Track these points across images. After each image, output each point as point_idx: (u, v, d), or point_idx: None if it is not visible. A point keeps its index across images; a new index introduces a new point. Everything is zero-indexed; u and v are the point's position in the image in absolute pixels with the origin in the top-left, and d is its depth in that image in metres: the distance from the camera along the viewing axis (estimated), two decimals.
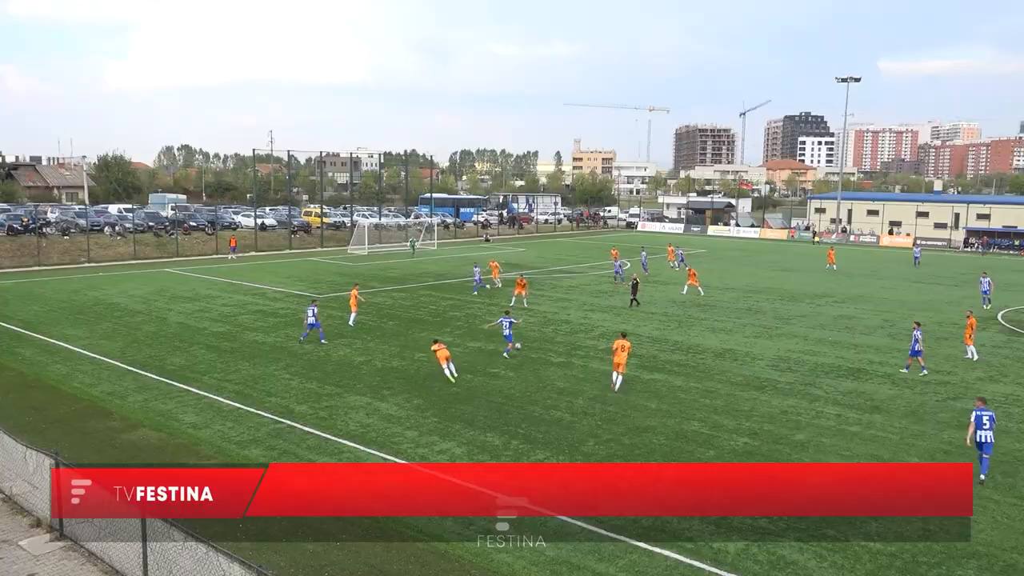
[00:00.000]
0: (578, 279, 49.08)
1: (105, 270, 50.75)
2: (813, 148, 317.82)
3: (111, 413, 20.84)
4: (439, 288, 43.90)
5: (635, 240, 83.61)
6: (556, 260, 60.21)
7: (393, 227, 78.17)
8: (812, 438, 19.72)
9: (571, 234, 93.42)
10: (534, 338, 30.66)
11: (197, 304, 37.64)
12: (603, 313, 36.58)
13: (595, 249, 71.65)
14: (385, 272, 50.87)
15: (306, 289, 43.15)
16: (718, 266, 58.27)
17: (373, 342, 29.69)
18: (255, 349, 28.35)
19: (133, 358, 26.72)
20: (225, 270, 51.56)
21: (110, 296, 39.96)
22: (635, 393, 23.28)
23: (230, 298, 39.76)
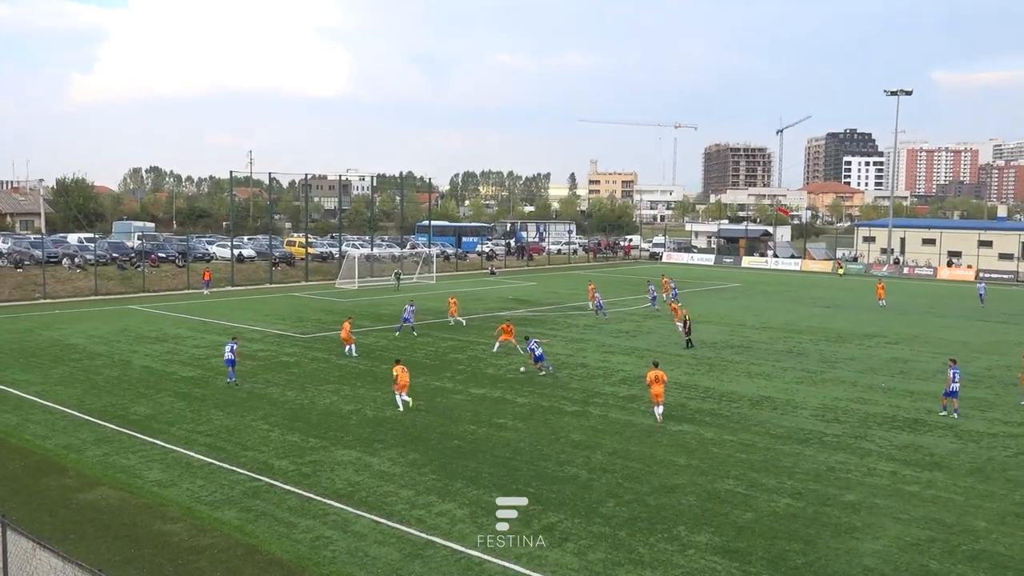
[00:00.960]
0: (596, 317, 49.04)
1: (62, 307, 50.97)
2: (860, 169, 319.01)
3: (66, 469, 20.78)
4: (438, 327, 43.90)
5: (657, 272, 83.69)
6: (570, 296, 60.24)
7: (387, 258, 78.36)
8: (864, 499, 19.50)
9: (587, 266, 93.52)
10: (545, 384, 30.57)
11: (165, 346, 37.70)
12: (624, 356, 36.47)
13: (615, 283, 71.69)
14: (377, 309, 50.96)
15: (289, 328, 43.23)
16: (754, 302, 58.18)
17: (364, 388, 29.63)
18: (230, 396, 28.32)
19: (92, 406, 26.71)
20: (198, 307, 51.72)
21: (67, 336, 40.07)
22: (661, 447, 23.11)
23: (202, 339, 39.83)
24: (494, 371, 32.83)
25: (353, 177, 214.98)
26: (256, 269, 70.75)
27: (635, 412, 26.76)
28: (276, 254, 73.20)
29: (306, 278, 69.82)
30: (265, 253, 73.38)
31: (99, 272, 59.83)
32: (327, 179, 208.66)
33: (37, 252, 61.75)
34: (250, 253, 74.70)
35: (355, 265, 66.02)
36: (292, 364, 33.85)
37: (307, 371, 32.50)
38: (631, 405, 27.63)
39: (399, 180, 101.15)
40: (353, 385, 30.12)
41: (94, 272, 59.20)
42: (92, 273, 59.34)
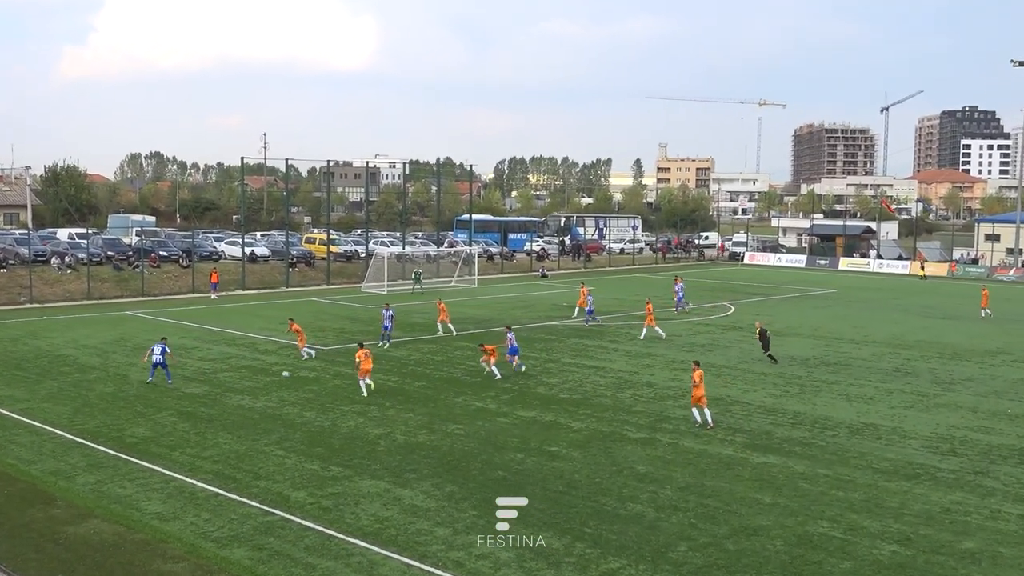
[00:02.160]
0: (665, 327, 48.74)
1: (51, 313, 52.08)
2: (981, 154, 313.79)
3: (54, 498, 21.18)
4: (481, 338, 43.95)
5: (738, 277, 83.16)
6: (635, 303, 60.02)
7: (421, 258, 78.86)
8: (986, 547, 19.12)
9: (654, 268, 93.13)
10: (605, 406, 30.49)
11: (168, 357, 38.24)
12: None
13: (689, 288, 71.12)
14: (409, 317, 51.28)
15: (309, 338, 43.58)
16: (853, 312, 57.54)
17: (393, 409, 29.81)
18: (240, 416, 28.68)
19: (84, 427, 27.22)
20: (204, 313, 52.51)
21: (57, 346, 40.91)
22: (742, 482, 22.90)
23: (209, 350, 40.39)
24: (545, 390, 32.84)
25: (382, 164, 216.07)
26: (271, 270, 71.67)
27: (711, 440, 26.56)
28: (294, 253, 74.13)
29: (328, 281, 70.55)
30: (281, 252, 74.33)
31: (92, 273, 61.04)
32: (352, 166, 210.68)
33: (23, 250, 63.17)
34: (264, 252, 75.72)
35: (384, 266, 66.51)
36: (311, 380, 34.19)
37: (328, 388, 32.80)
38: (707, 432, 27.43)
39: (435, 167, 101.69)
40: (381, 405, 30.31)
41: (87, 273, 60.42)
42: (84, 274, 60.55)
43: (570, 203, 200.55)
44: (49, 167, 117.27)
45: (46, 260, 63.76)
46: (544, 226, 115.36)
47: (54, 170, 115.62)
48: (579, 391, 32.88)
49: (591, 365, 37.49)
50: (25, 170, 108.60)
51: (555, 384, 33.97)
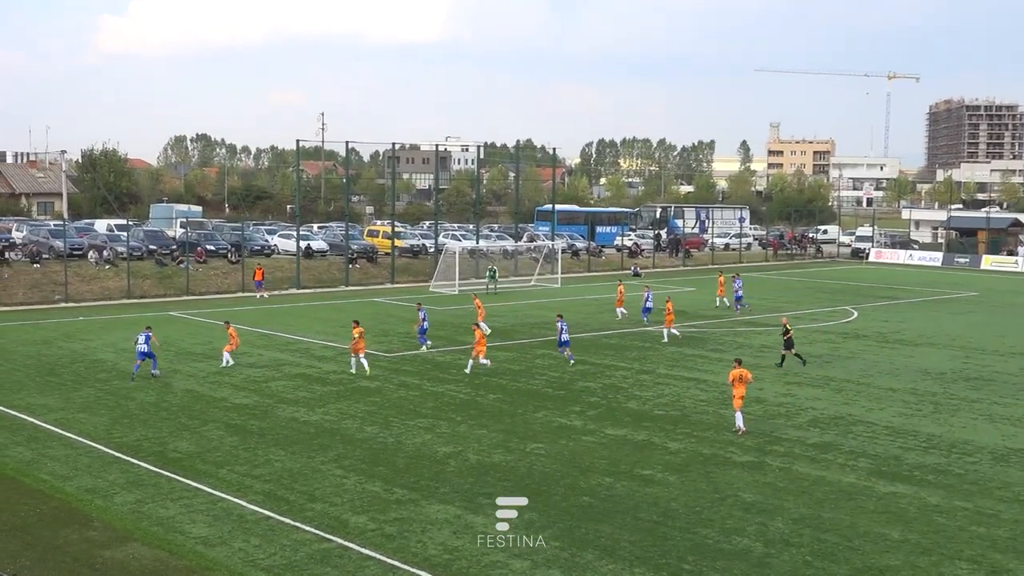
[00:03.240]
0: (777, 335, 48.24)
1: (88, 312, 53.36)
2: None
3: (90, 519, 21.70)
4: None
5: (862, 277, 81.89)
6: None
7: (497, 254, 79.10)
8: None
9: (765, 266, 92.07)
10: (706, 425, 30.27)
11: (214, 364, 39.04)
12: (815, 388, 35.88)
13: (805, 290, 70.39)
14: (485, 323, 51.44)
15: (370, 344, 43.99)
16: (998, 319, 56.28)
17: (465, 425, 29.95)
18: (294, 431, 29.09)
19: (123, 440, 27.85)
20: (254, 315, 53.34)
21: (94, 350, 41.94)
22: (865, 514, 22.55)
23: (260, 355, 41.05)
24: (637, 406, 32.72)
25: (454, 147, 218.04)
26: (328, 267, 72.49)
27: (830, 466, 26.22)
28: (354, 247, 74.87)
29: (392, 279, 71.16)
30: (340, 246, 75.19)
31: (133, 269, 62.35)
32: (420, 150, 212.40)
33: (58, 243, 64.57)
34: (321, 246, 76.59)
35: (455, 263, 66.82)
36: (373, 391, 34.54)
37: (392, 400, 33.11)
38: (824, 456, 27.08)
39: (514, 151, 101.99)
40: (452, 420, 30.48)
41: (127, 269, 61.73)
42: (124, 270, 61.87)
43: (667, 191, 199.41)
44: (86, 151, 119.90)
45: (83, 254, 65.15)
46: (637, 218, 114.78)
47: (91, 155, 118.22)
48: (676, 407, 32.69)
49: (691, 377, 37.21)
50: (60, 155, 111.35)
51: (649, 399, 33.82)
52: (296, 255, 69.94)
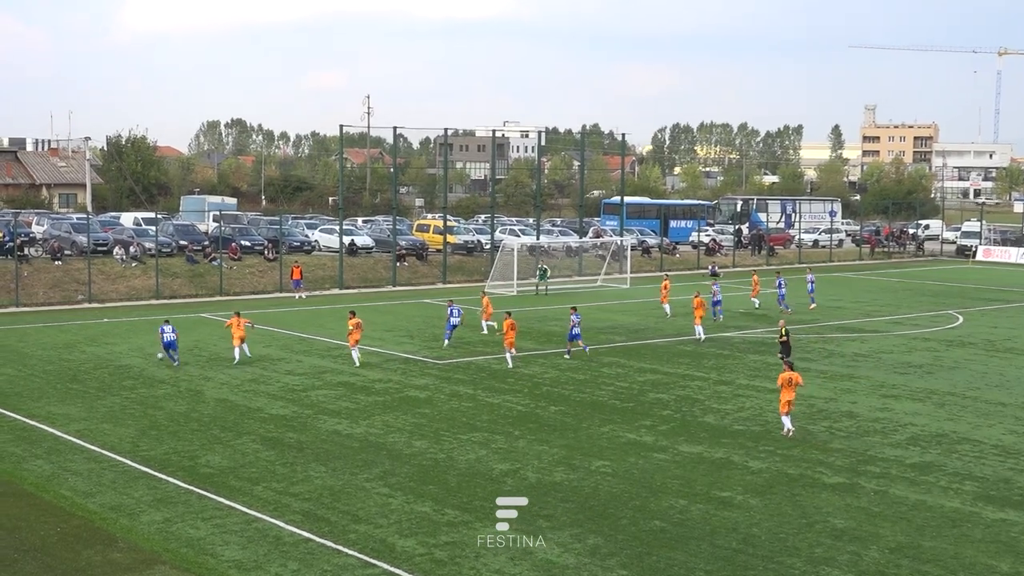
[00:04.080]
0: (872, 342, 47.83)
1: (113, 314, 54.08)
2: None
3: (115, 539, 21.95)
4: (634, 352, 43.89)
5: (968, 278, 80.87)
6: (834, 310, 58.96)
7: (559, 250, 79.05)
8: None
9: (859, 266, 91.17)
10: (792, 442, 30.01)
11: (249, 371, 39.42)
12: (915, 402, 35.51)
13: (904, 292, 69.62)
14: (544, 325, 51.45)
15: (419, 350, 44.32)
16: None
17: (524, 440, 29.94)
18: (336, 445, 29.26)
19: (150, 453, 28.19)
20: (293, 317, 53.76)
21: (119, 355, 42.52)
22: (971, 544, 22.27)
23: (299, 362, 41.37)
24: (715, 420, 32.56)
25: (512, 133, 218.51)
26: (374, 264, 72.89)
27: (931, 489, 25.93)
28: (402, 243, 75.11)
29: (444, 279, 71.39)
30: (387, 242, 75.44)
31: (162, 267, 63.05)
32: (475, 136, 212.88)
33: (81, 238, 65.57)
34: (366, 242, 77.01)
35: (514, 261, 66.89)
36: (423, 401, 34.69)
37: (443, 412, 33.22)
38: (925, 478, 26.77)
39: (579, 137, 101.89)
40: (509, 434, 30.49)
41: (155, 266, 62.45)
42: (152, 268, 62.60)
43: (749, 182, 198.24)
44: (112, 138, 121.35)
45: (108, 250, 66.01)
46: (715, 211, 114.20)
47: (117, 142, 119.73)
48: (759, 422, 32.49)
49: (775, 389, 36.79)
50: (84, 142, 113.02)
51: (728, 412, 33.64)
52: (339, 252, 70.30)
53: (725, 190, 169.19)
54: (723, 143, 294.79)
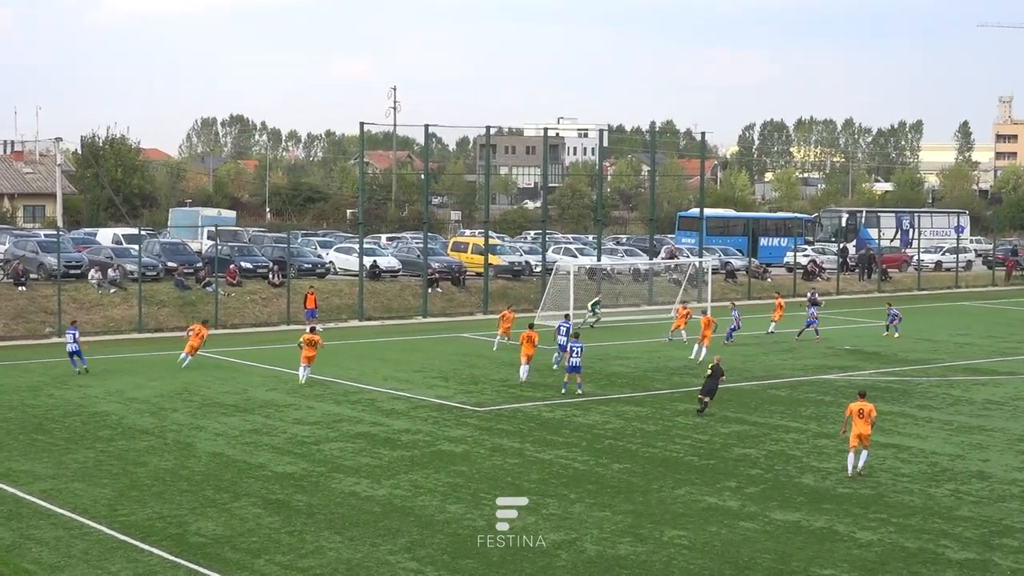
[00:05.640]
0: (1008, 386, 47.41)
1: (88, 351, 54.17)
2: None
3: None
4: (715, 398, 43.61)
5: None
6: (960, 346, 58.55)
7: (626, 274, 78.78)
8: None
9: (992, 292, 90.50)
10: (910, 508, 29.72)
11: (249, 418, 39.54)
12: None
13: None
14: (606, 364, 51.28)
15: (455, 394, 44.26)
16: None
17: (581, 504, 29.79)
18: (354, 509, 29.19)
19: (131, 519, 28.18)
20: None
21: (94, 400, 42.67)
22: None
23: (311, 409, 41.42)
24: (815, 480, 32.29)
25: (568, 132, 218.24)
26: (400, 291, 72.90)
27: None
28: (435, 265, 75.19)
29: (484, 307, 71.25)
30: (417, 264, 75.64)
31: (146, 293, 63.34)
32: (523, 135, 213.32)
33: (50, 259, 65.75)
34: (391, 263, 77.09)
35: (570, 286, 66.59)
36: (459, 456, 34.63)
37: (484, 470, 33.12)
38: None
39: (648, 137, 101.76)
40: (563, 497, 30.33)
41: (138, 293, 62.75)
42: (135, 295, 62.88)
43: (857, 191, 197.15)
44: (87, 139, 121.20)
45: (82, 273, 66.19)
46: (815, 226, 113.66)
47: (93, 144, 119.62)
48: (869, 483, 32.19)
49: (888, 443, 36.60)
50: (54, 144, 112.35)
51: (831, 472, 33.36)
52: (359, 276, 70.44)
53: (827, 200, 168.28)
54: (825, 143, 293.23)
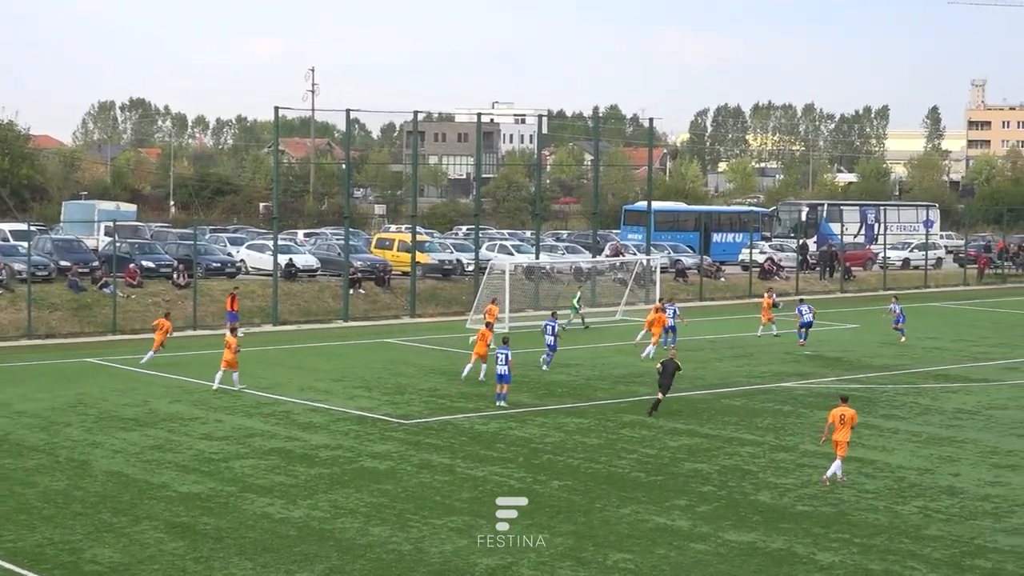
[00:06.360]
0: (981, 394, 47.95)
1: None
2: None
3: None
4: (664, 407, 43.79)
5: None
6: (929, 351, 59.16)
7: (566, 274, 78.85)
8: None
9: (964, 292, 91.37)
10: (875, 527, 29.97)
11: (151, 433, 39.29)
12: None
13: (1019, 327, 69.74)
14: (546, 375, 51.42)
15: (379, 405, 44.17)
16: None
17: (518, 524, 29.78)
18: (267, 533, 29.06)
19: (17, 545, 27.86)
20: (211, 363, 53.55)
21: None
22: None
23: (219, 423, 41.24)
24: (772, 498, 32.47)
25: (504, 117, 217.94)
26: (319, 292, 72.69)
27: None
28: (357, 264, 75.04)
29: (412, 311, 71.27)
30: (337, 262, 75.57)
31: (37, 295, 62.76)
32: (455, 121, 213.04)
33: None
34: (308, 262, 76.96)
35: (506, 286, 66.75)
36: (383, 474, 34.59)
37: (409, 488, 33.07)
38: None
39: (591, 123, 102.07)
40: (496, 518, 30.31)
41: (27, 295, 62.11)
42: (23, 297, 62.27)
43: (817, 182, 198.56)
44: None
45: None
46: (773, 221, 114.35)
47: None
48: (830, 500, 32.41)
49: (852, 457, 36.73)
50: None
51: (789, 488, 33.58)
52: (273, 275, 69.86)
53: (786, 193, 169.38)
54: (784, 130, 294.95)
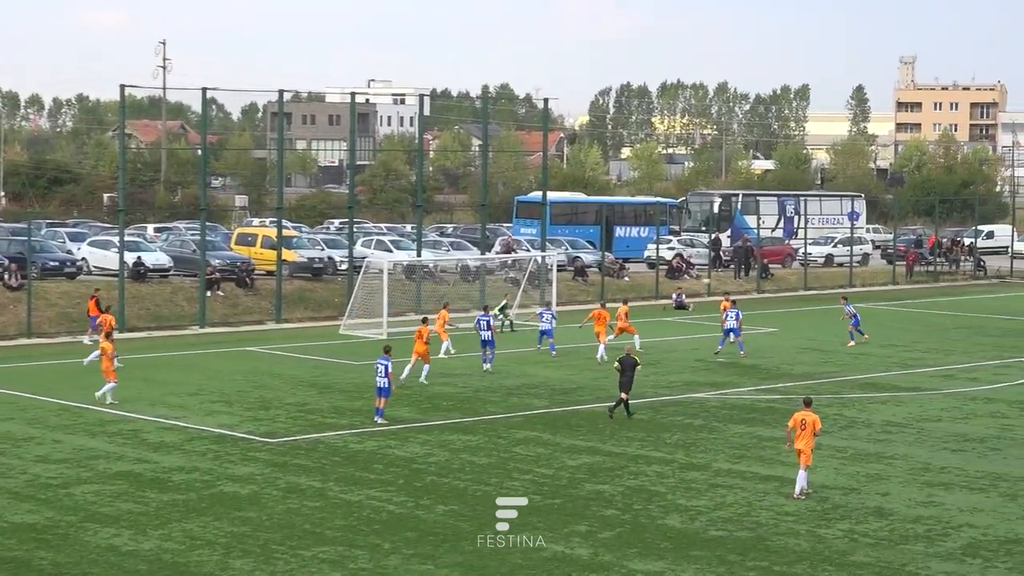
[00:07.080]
0: (912, 404, 48.42)
1: None
2: None
3: None
4: (562, 422, 43.86)
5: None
6: (855, 357, 59.75)
7: (453, 271, 78.75)
8: None
9: (892, 292, 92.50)
10: (796, 554, 30.13)
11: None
12: (973, 492, 35.96)
13: (956, 331, 70.72)
14: (430, 387, 51.17)
15: (241, 423, 43.94)
16: None
17: (397, 555, 29.68)
18: (112, 567, 28.67)
19: None
20: (48, 375, 53.02)
21: None
22: None
23: (57, 443, 40.74)
24: (682, 522, 32.52)
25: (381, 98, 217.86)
26: (172, 294, 72.20)
27: None
28: (215, 263, 74.51)
29: (277, 315, 70.87)
30: (192, 260, 75.07)
31: None
32: (325, 101, 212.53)
33: None
34: (160, 260, 76.24)
35: (383, 288, 66.57)
36: (245, 500, 34.32)
37: (275, 515, 32.82)
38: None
39: (480, 104, 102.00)
40: (374, 547, 30.19)
41: None
42: None
43: (731, 170, 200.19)
44: None
45: None
46: (682, 213, 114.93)
47: None
48: (747, 524, 32.50)
49: (770, 475, 37.08)
50: None
51: (700, 510, 33.65)
52: (119, 275, 69.47)
53: (696, 182, 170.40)
54: (694, 112, 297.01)
